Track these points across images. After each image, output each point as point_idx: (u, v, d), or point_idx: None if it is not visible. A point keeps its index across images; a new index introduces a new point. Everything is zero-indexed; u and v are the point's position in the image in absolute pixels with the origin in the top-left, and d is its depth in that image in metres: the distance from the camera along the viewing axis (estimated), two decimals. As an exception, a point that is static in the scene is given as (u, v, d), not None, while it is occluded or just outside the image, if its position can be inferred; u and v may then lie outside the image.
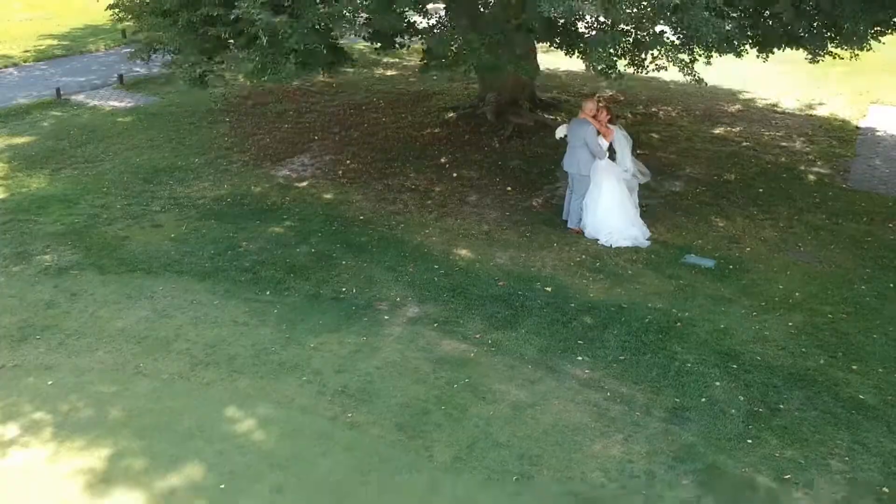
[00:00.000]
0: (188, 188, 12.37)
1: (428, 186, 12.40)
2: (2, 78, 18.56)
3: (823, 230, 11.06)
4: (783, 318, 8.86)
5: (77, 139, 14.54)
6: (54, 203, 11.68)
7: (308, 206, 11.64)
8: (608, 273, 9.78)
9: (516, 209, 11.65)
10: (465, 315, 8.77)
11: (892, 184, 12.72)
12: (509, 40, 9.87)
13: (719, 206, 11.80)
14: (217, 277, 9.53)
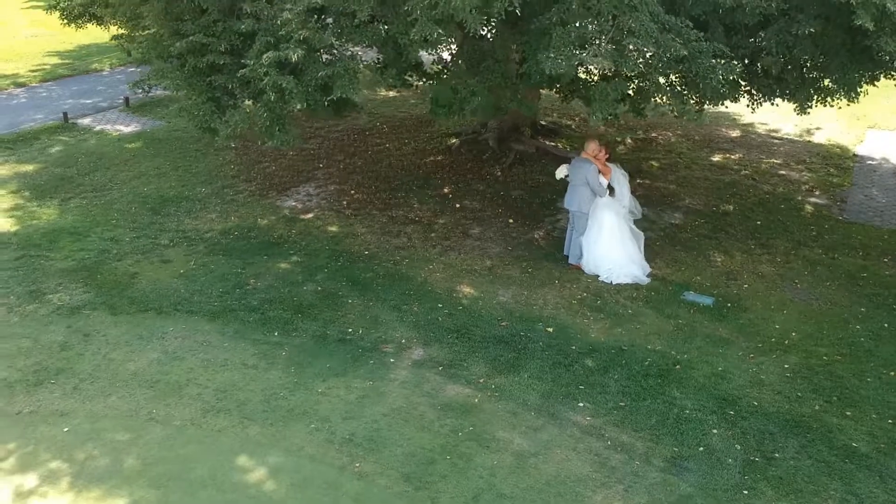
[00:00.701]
0: (196, 220, 12.58)
1: (431, 218, 12.61)
2: (9, 100, 18.76)
3: (820, 265, 11.27)
4: (779, 360, 9.07)
5: (85, 167, 14.76)
6: (64, 236, 11.89)
7: (314, 240, 11.85)
8: (609, 312, 10.00)
9: (518, 243, 11.86)
10: (468, 358, 8.98)
11: (887, 215, 12.92)
12: (512, 86, 10.10)
13: (718, 239, 12.01)
14: (226, 317, 9.75)
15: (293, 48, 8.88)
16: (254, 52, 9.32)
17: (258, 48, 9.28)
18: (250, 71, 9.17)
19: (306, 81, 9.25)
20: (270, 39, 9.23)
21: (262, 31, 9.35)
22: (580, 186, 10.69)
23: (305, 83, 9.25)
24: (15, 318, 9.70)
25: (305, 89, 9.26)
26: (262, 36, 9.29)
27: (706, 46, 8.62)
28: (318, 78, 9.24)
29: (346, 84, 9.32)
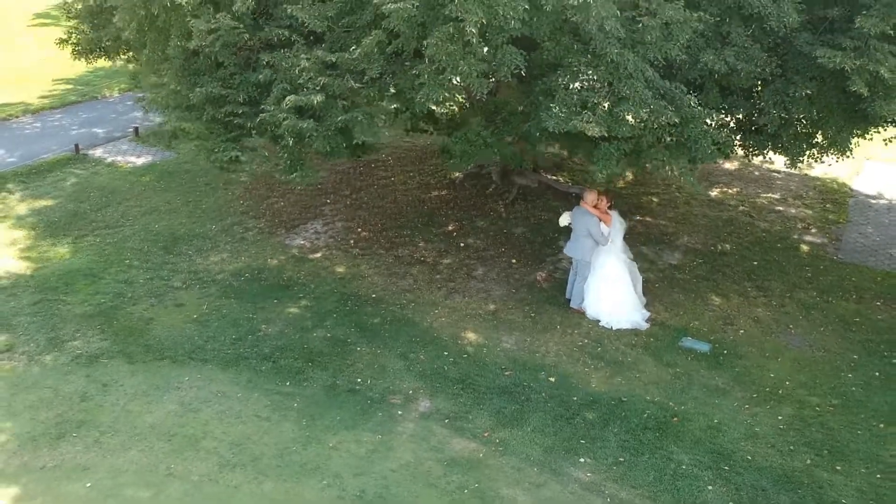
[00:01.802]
0: (207, 260, 12.93)
1: (436, 258, 12.95)
2: (21, 128, 19.11)
3: (815, 309, 11.60)
4: (773, 411, 9.41)
5: (97, 202, 15.11)
6: (80, 279, 12.24)
7: (322, 282, 12.19)
8: (609, 360, 10.34)
9: (521, 284, 12.20)
10: (473, 409, 9.33)
11: (881, 254, 13.25)
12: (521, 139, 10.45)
13: (715, 280, 12.35)
14: (239, 367, 10.09)
15: (313, 93, 9.15)
16: (272, 98, 9.59)
17: (276, 95, 9.55)
18: (269, 116, 9.43)
19: (326, 126, 9.51)
20: (288, 87, 9.53)
21: (279, 79, 9.64)
22: (583, 236, 11.03)
23: (326, 127, 9.51)
24: (36, 368, 10.05)
25: (326, 132, 9.53)
26: (280, 83, 9.59)
27: (699, 112, 8.97)
28: (337, 122, 9.50)
29: (365, 129, 9.63)
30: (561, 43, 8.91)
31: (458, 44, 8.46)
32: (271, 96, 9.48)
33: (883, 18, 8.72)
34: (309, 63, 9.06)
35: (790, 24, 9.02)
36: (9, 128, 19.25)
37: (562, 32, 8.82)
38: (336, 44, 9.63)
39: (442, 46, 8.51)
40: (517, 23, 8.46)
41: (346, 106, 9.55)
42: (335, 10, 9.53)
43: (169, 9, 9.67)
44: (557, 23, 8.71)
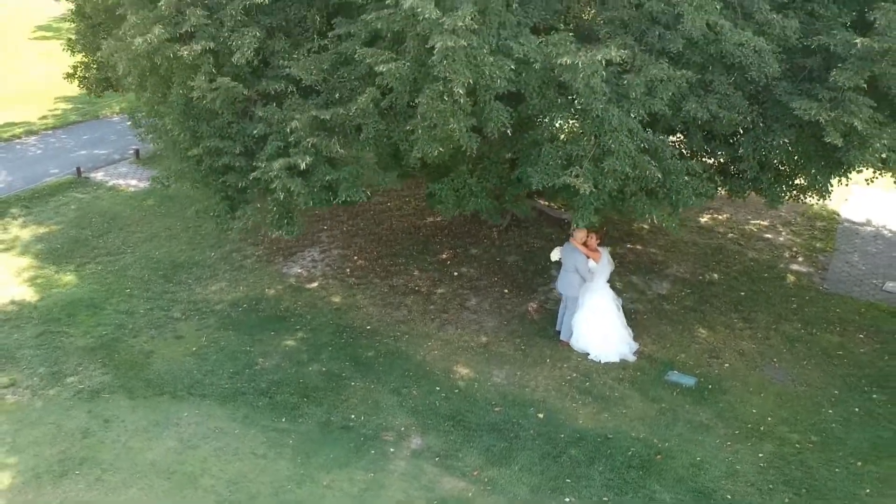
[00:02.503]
0: (206, 289, 13.23)
1: (430, 288, 13.24)
2: (24, 150, 19.43)
3: (799, 342, 11.88)
4: (754, 448, 9.70)
5: (99, 227, 15.42)
6: (82, 309, 12.54)
7: (319, 313, 12.48)
8: (596, 395, 10.62)
9: (513, 316, 12.49)
10: (464, 447, 9.62)
11: (865, 285, 13.53)
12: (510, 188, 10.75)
13: (702, 312, 12.63)
14: (237, 402, 10.39)
15: (302, 155, 9.51)
16: (265, 154, 9.94)
17: (269, 151, 9.90)
18: (262, 173, 9.80)
19: (313, 183, 9.89)
20: (280, 144, 9.86)
21: (273, 134, 9.97)
22: (571, 272, 11.32)
23: (312, 184, 9.89)
24: (39, 403, 10.35)
25: (312, 190, 9.90)
26: (273, 140, 9.92)
27: (680, 165, 9.26)
28: (324, 181, 9.88)
29: (350, 186, 9.96)
30: (547, 96, 9.20)
31: (448, 102, 8.75)
32: (265, 151, 9.80)
33: (857, 72, 9.00)
34: (300, 123, 9.35)
35: (771, 73, 9.30)
36: (13, 149, 19.58)
37: (548, 86, 9.10)
38: (331, 95, 9.93)
39: (432, 104, 8.80)
40: (503, 81, 8.76)
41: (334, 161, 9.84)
42: (329, 63, 9.84)
43: (171, 59, 9.96)
44: (545, 78, 8.99)
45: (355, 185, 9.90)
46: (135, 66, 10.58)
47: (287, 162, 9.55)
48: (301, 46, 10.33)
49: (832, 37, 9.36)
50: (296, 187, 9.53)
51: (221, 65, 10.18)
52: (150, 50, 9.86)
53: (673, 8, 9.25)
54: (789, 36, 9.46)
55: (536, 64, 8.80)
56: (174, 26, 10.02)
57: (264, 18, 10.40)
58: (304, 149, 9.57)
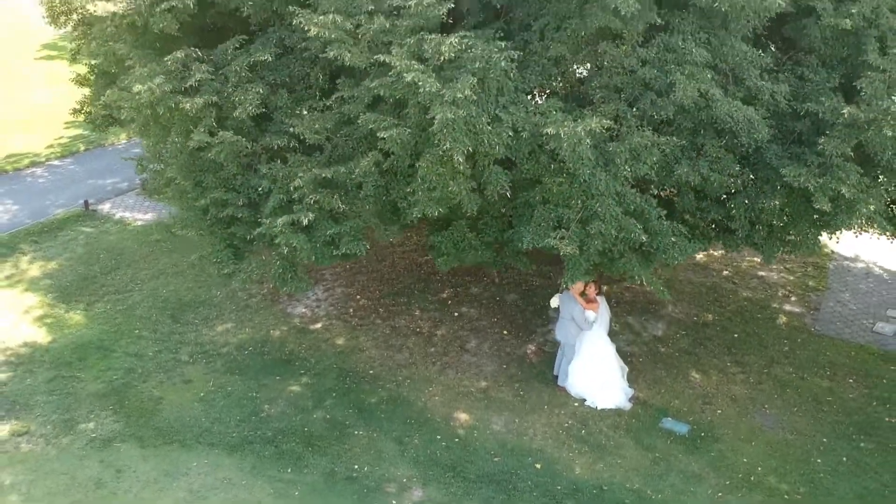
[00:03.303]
0: (213, 330, 13.57)
1: (431, 329, 13.58)
2: (32, 182, 19.76)
3: (789, 387, 12.21)
4: (745, 500, 10.04)
5: (107, 264, 15.76)
6: (93, 352, 12.88)
7: (323, 356, 12.82)
8: (593, 444, 10.96)
9: (512, 359, 12.82)
10: (464, 499, 9.96)
11: (855, 326, 13.85)
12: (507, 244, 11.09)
13: (696, 355, 12.96)
14: (244, 451, 10.72)
15: (304, 211, 9.82)
16: (269, 209, 10.25)
17: (273, 205, 10.22)
18: (266, 228, 10.12)
19: (316, 238, 10.20)
20: (283, 198, 10.18)
21: (277, 189, 10.29)
22: (568, 321, 11.65)
23: (315, 239, 10.20)
24: (53, 452, 10.69)
25: (315, 245, 10.21)
26: (277, 194, 10.23)
27: (666, 226, 9.59)
28: (326, 236, 10.20)
29: (351, 241, 10.26)
30: (539, 161, 9.52)
31: (448, 166, 9.08)
32: (268, 206, 10.12)
33: (844, 140, 9.34)
34: (303, 181, 9.68)
35: (760, 139, 9.63)
36: (22, 180, 19.92)
37: (540, 151, 9.42)
38: (334, 152, 10.27)
39: (432, 168, 9.15)
40: (502, 148, 9.10)
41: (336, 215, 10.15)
42: (333, 122, 10.18)
43: (172, 109, 10.27)
44: (534, 145, 9.32)
45: (356, 238, 10.21)
46: (138, 114, 10.88)
47: (291, 218, 9.84)
48: (304, 103, 10.68)
49: (820, 104, 9.70)
50: (299, 243, 9.85)
51: (224, 118, 10.51)
52: (153, 100, 10.17)
53: (665, 75, 9.59)
54: (779, 101, 9.79)
55: (525, 133, 9.14)
56: (179, 80, 10.35)
57: (268, 75, 10.75)
58: (307, 205, 9.88)
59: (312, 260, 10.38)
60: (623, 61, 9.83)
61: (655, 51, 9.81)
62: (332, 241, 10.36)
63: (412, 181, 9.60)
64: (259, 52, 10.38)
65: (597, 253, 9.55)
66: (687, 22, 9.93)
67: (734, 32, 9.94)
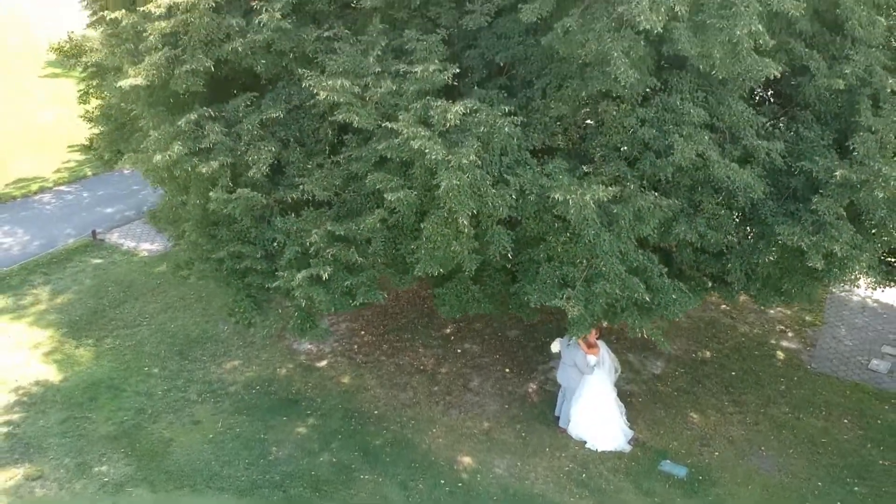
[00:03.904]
0: (220, 367, 13.85)
1: (435, 367, 13.85)
2: (41, 210, 20.02)
3: (786, 428, 12.48)
4: (741, 546, 10.32)
5: (115, 297, 16.04)
6: (103, 391, 13.16)
7: (328, 396, 13.09)
8: (593, 488, 11.23)
9: (514, 398, 13.09)
10: (467, 547, 10.25)
11: (851, 363, 14.12)
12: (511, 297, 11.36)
13: (695, 394, 13.24)
14: (253, 496, 11.00)
15: (322, 265, 10.05)
16: (285, 261, 10.50)
17: (288, 257, 10.46)
18: (284, 282, 10.38)
19: (334, 290, 10.43)
20: (299, 250, 10.44)
21: (291, 242, 10.54)
22: (570, 366, 11.92)
23: (333, 291, 10.43)
24: (66, 497, 10.98)
25: (332, 297, 10.46)
26: (292, 246, 10.48)
27: (668, 284, 9.86)
28: (343, 287, 10.44)
29: (367, 290, 10.50)
30: (544, 220, 9.79)
31: (452, 227, 9.35)
32: (284, 258, 10.38)
33: (837, 200, 9.60)
34: (318, 236, 9.95)
35: (756, 198, 9.90)
36: (29, 207, 20.19)
37: (545, 211, 9.69)
38: (343, 208, 10.54)
39: (436, 229, 9.41)
40: (505, 209, 9.37)
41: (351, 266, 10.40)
42: (341, 178, 10.45)
43: (189, 172, 10.56)
44: (540, 205, 9.59)
45: (372, 288, 10.46)
46: (155, 175, 11.19)
47: (309, 273, 10.09)
48: (314, 157, 10.94)
49: (814, 163, 9.97)
50: (318, 296, 10.11)
51: (238, 174, 10.79)
52: (170, 164, 10.47)
53: (664, 136, 9.85)
54: (774, 159, 10.05)
55: (532, 196, 9.41)
56: (193, 140, 10.62)
57: (279, 130, 11.01)
58: (324, 259, 10.12)
59: (331, 310, 10.62)
60: (623, 120, 10.08)
61: (654, 110, 10.06)
62: (349, 290, 10.59)
63: (417, 239, 9.86)
64: (270, 110, 10.64)
65: (601, 310, 9.82)
66: (685, 81, 10.18)
67: (731, 91, 10.19)
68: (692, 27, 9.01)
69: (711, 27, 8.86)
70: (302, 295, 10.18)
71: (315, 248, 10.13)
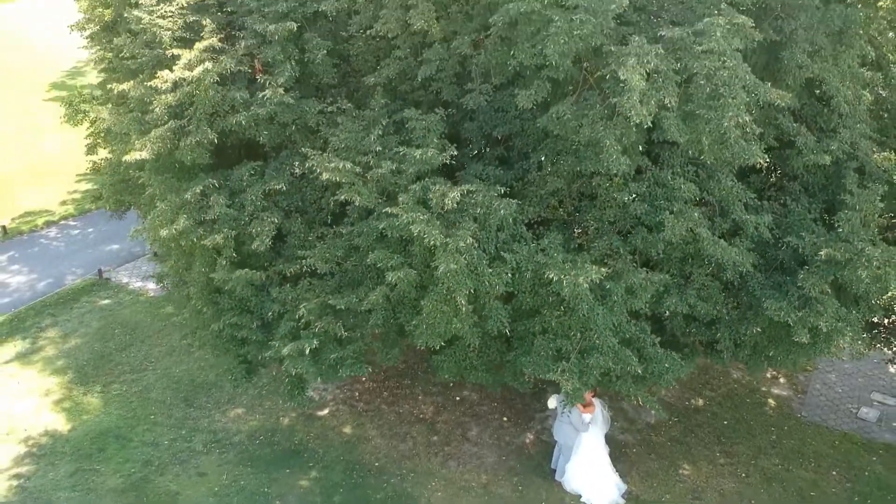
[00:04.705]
0: (224, 415, 14.20)
1: (434, 416, 14.19)
2: (47, 245, 20.40)
3: (776, 480, 12.81)
4: None
5: (121, 340, 16.41)
6: (111, 442, 13.51)
7: (330, 447, 13.43)
8: (586, 545, 11.59)
9: (512, 449, 13.43)
10: None
11: (841, 411, 14.44)
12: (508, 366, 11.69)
13: (687, 444, 13.57)
14: (258, 555, 11.37)
15: (310, 339, 10.40)
16: (280, 333, 10.85)
17: (283, 331, 10.81)
18: (274, 352, 10.74)
19: (321, 362, 10.77)
20: (294, 325, 10.78)
21: (288, 315, 10.89)
22: (566, 423, 12.25)
23: (320, 363, 10.77)
24: (77, 555, 11.35)
25: (319, 368, 10.80)
26: (288, 321, 10.83)
27: (661, 354, 10.19)
28: (330, 359, 10.78)
29: (353, 363, 10.83)
30: (539, 294, 10.12)
31: (451, 305, 9.69)
32: (280, 331, 10.72)
33: (822, 277, 9.92)
34: (307, 309, 10.29)
35: (744, 271, 10.23)
36: (37, 242, 20.56)
37: (540, 285, 10.02)
38: (344, 277, 10.88)
39: (436, 306, 9.74)
40: (502, 287, 9.70)
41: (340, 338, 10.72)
42: (343, 250, 10.79)
43: (194, 243, 10.90)
44: (535, 280, 9.92)
45: (358, 362, 10.80)
46: (161, 245, 11.54)
47: (296, 346, 10.43)
48: (316, 227, 11.28)
49: (801, 239, 10.30)
50: (304, 367, 10.45)
51: (242, 243, 11.12)
52: (176, 237, 10.82)
53: (656, 211, 10.18)
54: (763, 233, 10.38)
55: (528, 273, 9.74)
56: (199, 211, 10.97)
57: (282, 200, 11.35)
58: (313, 332, 10.46)
59: (317, 380, 10.98)
60: (616, 194, 10.41)
61: (646, 185, 10.40)
62: (335, 363, 10.92)
63: (417, 314, 10.19)
64: (274, 181, 10.98)
65: (595, 380, 10.15)
66: (676, 156, 10.51)
67: (721, 166, 10.51)
68: (681, 115, 9.32)
69: (700, 116, 9.18)
70: (291, 365, 10.52)
71: (305, 321, 10.46)
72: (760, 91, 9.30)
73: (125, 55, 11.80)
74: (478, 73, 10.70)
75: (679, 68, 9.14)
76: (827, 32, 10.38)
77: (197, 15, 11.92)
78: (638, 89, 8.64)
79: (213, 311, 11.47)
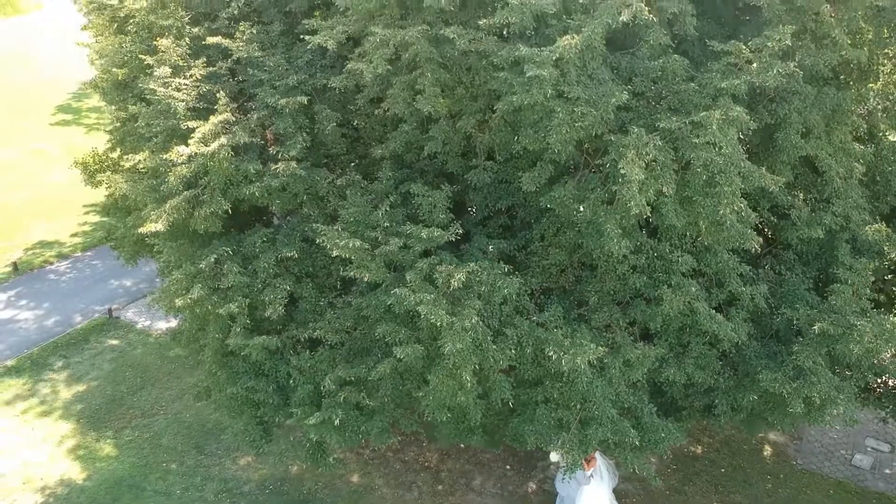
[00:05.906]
0: (235, 463, 14.58)
1: (439, 463, 14.57)
2: (56, 282, 20.76)
3: (770, 533, 13.22)
4: None
5: (132, 383, 16.79)
6: (125, 491, 13.90)
7: (338, 498, 13.82)
8: None
9: (514, 499, 13.82)
10: None
11: (835, 458, 14.81)
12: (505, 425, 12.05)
13: (686, 494, 13.95)
14: None
15: (335, 409, 10.73)
16: (298, 398, 11.20)
17: (300, 396, 11.16)
18: (297, 420, 11.08)
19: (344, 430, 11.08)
20: (311, 388, 11.13)
21: (304, 380, 11.23)
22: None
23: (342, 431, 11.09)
24: None
25: (343, 436, 11.14)
26: (305, 385, 11.18)
27: (657, 423, 10.55)
28: (360, 430, 11.11)
29: (380, 433, 11.15)
30: (541, 365, 10.48)
31: (457, 379, 10.05)
32: (297, 395, 11.08)
33: (815, 349, 10.28)
34: (330, 380, 10.64)
35: (739, 342, 10.60)
36: (46, 278, 20.92)
37: (541, 358, 10.38)
38: (354, 345, 11.23)
39: (443, 381, 10.10)
40: (505, 362, 10.07)
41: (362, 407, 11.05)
42: (352, 319, 11.15)
43: (208, 311, 11.25)
44: (536, 353, 10.28)
45: (385, 431, 11.14)
46: (176, 313, 11.90)
47: (322, 416, 10.74)
48: (326, 293, 11.63)
49: (795, 311, 10.64)
50: (330, 436, 10.80)
51: (255, 308, 11.47)
52: (191, 304, 11.18)
53: (654, 284, 10.54)
54: (758, 303, 10.74)
55: (528, 349, 10.11)
56: (213, 279, 11.31)
57: (294, 266, 11.69)
58: (336, 402, 10.79)
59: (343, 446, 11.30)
60: (616, 267, 10.77)
61: (645, 257, 10.74)
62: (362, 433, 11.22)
63: (424, 384, 10.55)
64: (286, 248, 11.33)
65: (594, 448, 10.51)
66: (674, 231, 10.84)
67: (717, 244, 10.86)
68: (679, 200, 9.68)
69: (697, 202, 9.54)
70: (314, 432, 10.85)
71: (327, 391, 10.80)
72: (755, 176, 9.65)
73: (140, 125, 12.14)
74: (482, 149, 11.05)
75: (677, 157, 9.49)
76: (820, 113, 10.74)
77: (210, 83, 12.25)
78: (637, 181, 9.00)
79: (227, 375, 11.81)
